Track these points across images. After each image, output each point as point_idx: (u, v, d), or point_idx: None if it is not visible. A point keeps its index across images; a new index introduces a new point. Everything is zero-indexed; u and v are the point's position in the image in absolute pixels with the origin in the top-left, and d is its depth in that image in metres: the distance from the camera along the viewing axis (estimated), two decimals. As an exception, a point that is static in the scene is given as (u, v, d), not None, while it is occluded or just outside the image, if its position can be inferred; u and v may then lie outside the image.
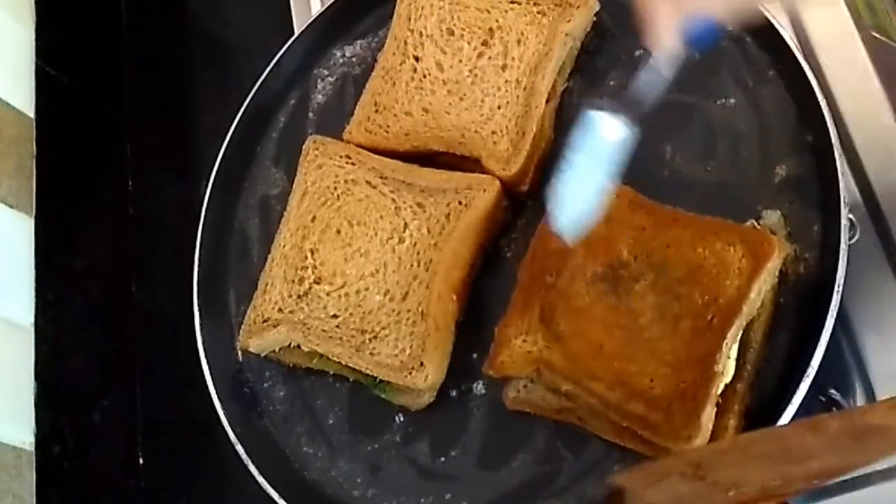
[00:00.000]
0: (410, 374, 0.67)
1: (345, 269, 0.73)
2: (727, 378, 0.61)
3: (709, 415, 0.59)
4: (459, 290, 0.70)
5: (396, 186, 0.74)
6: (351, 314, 0.71)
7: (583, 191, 0.56)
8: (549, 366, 0.63)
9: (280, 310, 0.73)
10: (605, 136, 0.55)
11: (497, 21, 0.77)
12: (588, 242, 0.65)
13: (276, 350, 0.74)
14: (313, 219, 0.75)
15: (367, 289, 0.71)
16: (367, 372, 0.69)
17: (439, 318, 0.68)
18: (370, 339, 0.69)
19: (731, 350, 0.60)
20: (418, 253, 0.71)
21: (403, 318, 0.69)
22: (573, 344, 0.64)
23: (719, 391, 0.60)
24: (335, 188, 0.76)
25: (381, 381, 0.69)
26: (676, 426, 0.59)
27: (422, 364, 0.67)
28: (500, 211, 0.73)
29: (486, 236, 0.72)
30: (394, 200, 0.74)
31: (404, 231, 0.72)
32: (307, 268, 0.74)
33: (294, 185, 0.78)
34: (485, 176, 0.72)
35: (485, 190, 0.71)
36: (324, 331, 0.71)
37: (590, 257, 0.65)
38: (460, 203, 0.71)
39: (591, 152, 0.55)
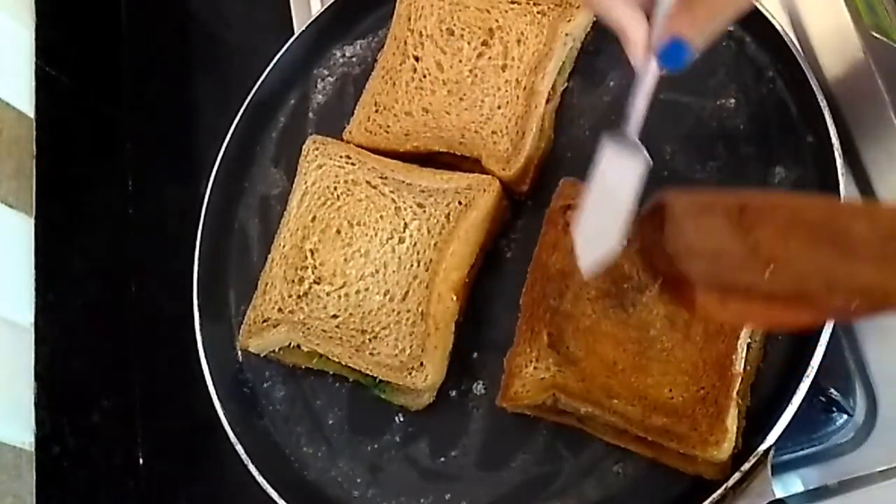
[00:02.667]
0: (410, 374, 0.67)
1: (345, 270, 0.73)
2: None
3: (733, 417, 0.59)
4: (459, 291, 0.70)
5: (396, 187, 0.74)
6: (351, 314, 0.71)
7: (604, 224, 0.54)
8: (564, 390, 0.63)
9: (280, 310, 0.73)
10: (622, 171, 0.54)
11: (497, 21, 0.77)
12: None
13: (276, 350, 0.74)
14: (313, 219, 0.75)
15: (367, 289, 0.71)
16: (367, 372, 0.69)
17: (439, 318, 0.68)
18: (370, 339, 0.69)
19: (745, 350, 0.60)
20: (418, 253, 0.71)
21: (403, 319, 0.69)
22: (586, 364, 0.63)
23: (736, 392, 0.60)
24: (335, 188, 0.76)
25: (380, 381, 0.69)
26: (703, 433, 0.59)
27: (421, 364, 0.67)
28: (501, 211, 0.73)
29: (486, 236, 0.72)
30: (394, 201, 0.74)
31: (404, 231, 0.72)
32: (307, 268, 0.74)
33: (294, 185, 0.78)
34: (485, 176, 0.72)
35: (485, 190, 0.71)
36: (324, 331, 0.71)
37: None
38: (460, 203, 0.71)
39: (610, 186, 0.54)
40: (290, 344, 0.73)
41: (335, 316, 0.71)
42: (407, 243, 0.72)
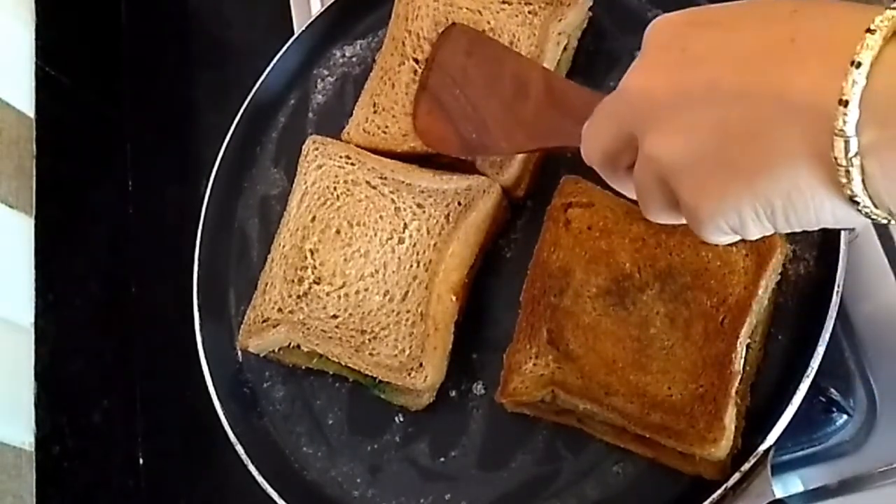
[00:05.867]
0: (410, 374, 0.67)
1: (344, 270, 0.73)
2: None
3: (731, 416, 0.59)
4: (459, 291, 0.70)
5: (396, 187, 0.74)
6: (350, 314, 0.71)
7: None
8: (563, 386, 0.63)
9: (280, 310, 0.73)
10: None
11: (489, 22, 0.76)
12: (588, 258, 0.66)
13: (276, 350, 0.74)
14: (313, 219, 0.75)
15: (366, 289, 0.71)
16: (367, 372, 0.69)
17: (438, 319, 0.68)
18: (370, 340, 0.70)
19: (744, 349, 0.60)
20: (418, 254, 0.71)
21: (403, 319, 0.69)
22: (585, 361, 0.63)
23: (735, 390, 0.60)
24: (335, 188, 0.76)
25: (380, 381, 0.69)
26: (700, 431, 0.59)
27: (421, 365, 0.67)
28: (501, 211, 0.73)
29: (485, 237, 0.72)
30: (393, 201, 0.74)
31: (404, 232, 0.72)
32: (307, 268, 0.74)
33: (294, 185, 0.78)
34: (484, 177, 0.72)
35: (485, 191, 0.71)
36: (323, 331, 0.71)
37: (592, 273, 0.65)
38: (459, 204, 0.71)
39: None
40: (289, 344, 0.73)
41: (335, 316, 0.71)
42: (406, 244, 0.72)
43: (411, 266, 0.71)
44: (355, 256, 0.73)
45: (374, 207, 0.74)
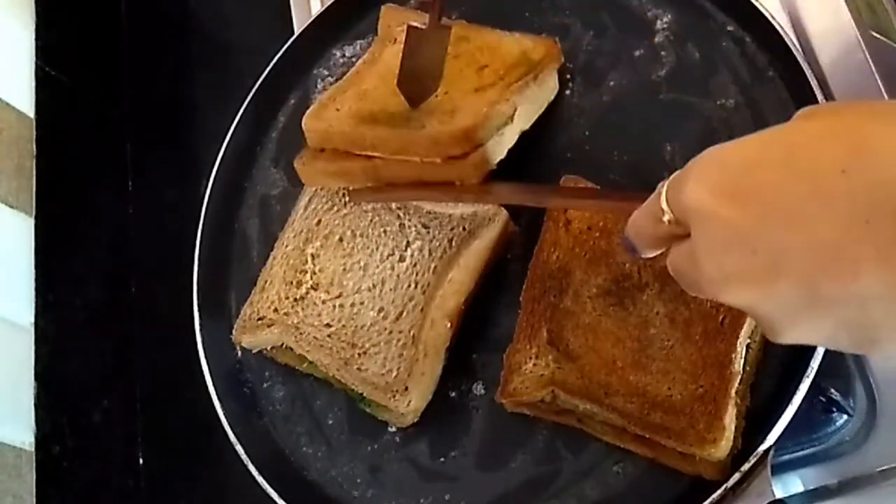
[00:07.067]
0: (394, 396, 0.66)
1: (342, 280, 0.72)
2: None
3: (731, 416, 0.59)
4: (454, 318, 0.69)
5: (404, 204, 0.73)
6: (343, 326, 0.70)
7: None
8: (563, 386, 0.63)
9: (276, 310, 0.73)
10: None
11: None
12: (588, 258, 0.66)
13: (269, 349, 0.74)
14: (318, 223, 0.75)
15: (362, 303, 0.71)
16: (352, 387, 0.68)
17: (430, 345, 0.68)
18: (359, 355, 0.69)
19: (744, 349, 0.60)
20: (417, 274, 0.70)
21: (394, 339, 0.68)
22: (585, 361, 0.63)
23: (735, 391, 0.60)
24: (343, 194, 0.75)
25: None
26: (700, 431, 0.59)
27: (406, 388, 0.67)
28: (506, 237, 0.72)
29: (487, 265, 0.71)
30: (399, 217, 0.73)
31: (406, 250, 0.72)
32: (306, 272, 0.74)
33: (304, 186, 0.77)
34: (491, 205, 0.71)
35: (490, 220, 0.70)
36: (315, 338, 0.70)
37: (592, 273, 0.65)
38: (464, 229, 0.71)
39: None
40: (282, 344, 0.72)
41: (328, 325, 0.71)
42: (407, 262, 0.71)
43: (409, 286, 0.70)
44: (354, 268, 0.72)
45: (379, 221, 0.73)
